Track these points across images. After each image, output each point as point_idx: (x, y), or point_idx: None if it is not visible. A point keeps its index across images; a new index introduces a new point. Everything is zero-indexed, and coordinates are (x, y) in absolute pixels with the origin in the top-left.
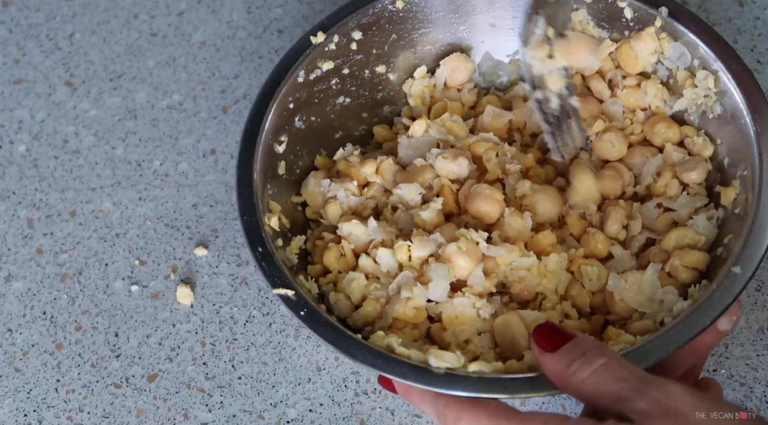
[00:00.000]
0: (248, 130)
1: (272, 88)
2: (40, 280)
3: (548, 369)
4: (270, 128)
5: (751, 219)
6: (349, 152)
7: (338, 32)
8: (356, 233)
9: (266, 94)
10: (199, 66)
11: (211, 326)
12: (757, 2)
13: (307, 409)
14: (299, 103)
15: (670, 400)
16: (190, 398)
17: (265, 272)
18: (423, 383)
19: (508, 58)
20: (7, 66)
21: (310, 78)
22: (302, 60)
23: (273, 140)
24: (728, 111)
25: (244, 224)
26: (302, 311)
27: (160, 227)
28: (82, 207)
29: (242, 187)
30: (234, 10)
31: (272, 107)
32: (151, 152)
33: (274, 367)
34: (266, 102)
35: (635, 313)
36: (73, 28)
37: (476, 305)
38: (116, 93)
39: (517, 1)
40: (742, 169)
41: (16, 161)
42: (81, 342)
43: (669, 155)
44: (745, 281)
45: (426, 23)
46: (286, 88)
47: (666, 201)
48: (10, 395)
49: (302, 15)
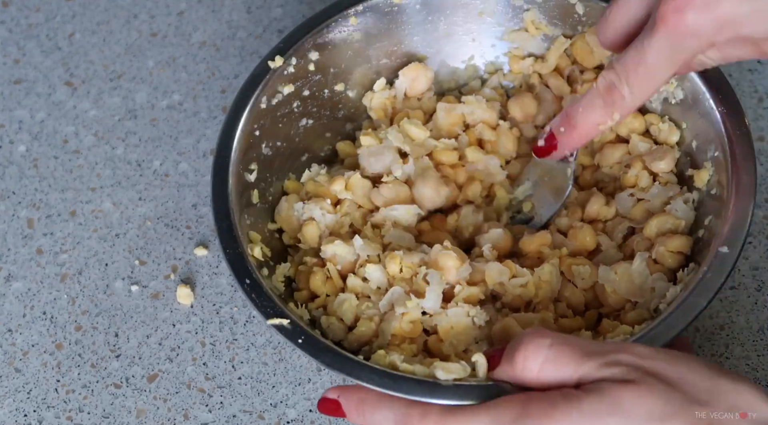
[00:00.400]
0: (218, 161)
1: (236, 117)
2: (40, 280)
3: (504, 379)
4: (238, 157)
5: (731, 199)
6: (315, 172)
7: (295, 55)
8: (341, 253)
9: (231, 124)
10: (199, 66)
11: (211, 326)
12: None
13: (307, 409)
14: (264, 130)
15: (644, 361)
16: (190, 398)
17: (256, 303)
18: (432, 397)
19: (463, 64)
20: (7, 66)
21: (273, 103)
22: (263, 86)
23: (243, 169)
24: (690, 95)
25: (228, 257)
26: (300, 338)
27: (160, 227)
28: (82, 207)
29: (221, 220)
30: (234, 10)
31: (238, 136)
32: (151, 152)
33: (274, 367)
34: (232, 131)
35: (628, 303)
36: (73, 28)
37: (470, 313)
38: (116, 93)
39: (467, 8)
40: (713, 150)
41: (16, 161)
42: (81, 342)
43: (636, 145)
44: (733, 260)
45: (380, 37)
46: (251, 115)
47: (638, 192)
48: (10, 395)
49: (302, 15)
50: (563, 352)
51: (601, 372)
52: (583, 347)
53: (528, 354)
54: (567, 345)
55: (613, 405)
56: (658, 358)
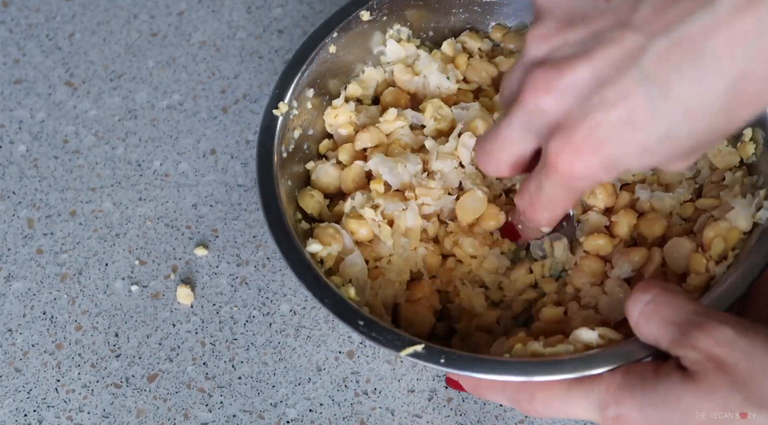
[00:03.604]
0: (272, 219)
1: (268, 167)
2: (40, 280)
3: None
4: (287, 211)
5: None
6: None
7: (295, 98)
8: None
9: (268, 178)
10: (199, 66)
11: (211, 326)
12: None
13: (307, 409)
14: (293, 178)
15: (721, 349)
16: (190, 398)
17: (381, 342)
18: (553, 374)
19: None
20: (7, 66)
21: (290, 149)
22: (279, 134)
23: (293, 221)
24: None
25: (329, 306)
26: (441, 359)
27: (160, 227)
28: (82, 207)
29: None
30: (234, 10)
31: (280, 190)
32: (151, 152)
33: (274, 367)
34: (272, 188)
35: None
36: (73, 28)
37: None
38: (116, 93)
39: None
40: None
41: (16, 161)
42: (81, 342)
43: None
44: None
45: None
46: (279, 165)
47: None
48: (10, 395)
49: (302, 15)
50: (657, 313)
51: (679, 350)
52: (679, 312)
53: (629, 306)
54: (663, 306)
55: (673, 402)
56: (738, 348)
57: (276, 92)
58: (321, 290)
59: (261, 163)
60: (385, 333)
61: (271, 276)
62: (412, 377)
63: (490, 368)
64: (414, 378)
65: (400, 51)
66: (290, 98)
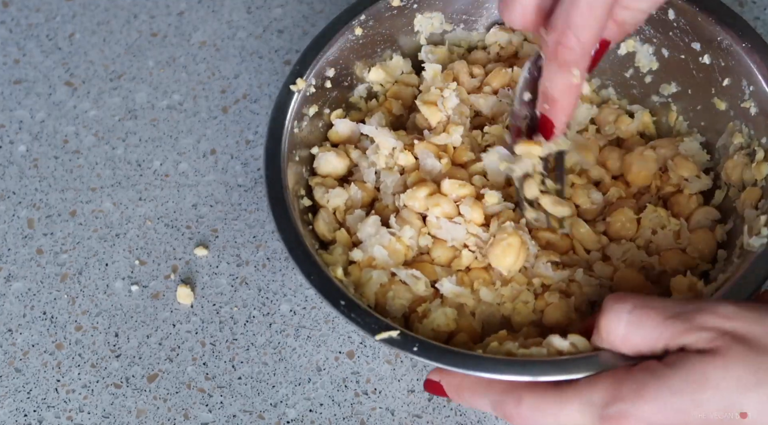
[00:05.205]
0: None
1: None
2: (40, 280)
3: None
4: (292, 186)
5: None
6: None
7: (314, 75)
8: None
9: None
10: (199, 66)
11: (211, 326)
12: (757, 2)
13: (307, 409)
14: (302, 156)
15: (732, 322)
16: (190, 398)
17: (359, 323)
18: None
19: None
20: (7, 66)
21: (303, 126)
22: (292, 110)
23: (296, 198)
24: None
25: (315, 283)
26: (414, 346)
27: (160, 227)
28: (82, 207)
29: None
30: (234, 10)
31: (287, 166)
32: (151, 152)
33: (274, 367)
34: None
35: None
36: (73, 28)
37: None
38: (116, 93)
39: None
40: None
41: (16, 161)
42: (81, 342)
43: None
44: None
45: (388, 42)
46: (288, 141)
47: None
48: (10, 395)
49: (302, 15)
50: (646, 316)
51: (686, 337)
52: (667, 309)
53: (609, 320)
54: (649, 309)
55: (701, 381)
56: (745, 317)
57: (296, 68)
58: (309, 266)
59: (271, 134)
60: (364, 315)
61: (271, 276)
62: (412, 377)
63: (460, 361)
64: (414, 378)
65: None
66: (308, 75)
